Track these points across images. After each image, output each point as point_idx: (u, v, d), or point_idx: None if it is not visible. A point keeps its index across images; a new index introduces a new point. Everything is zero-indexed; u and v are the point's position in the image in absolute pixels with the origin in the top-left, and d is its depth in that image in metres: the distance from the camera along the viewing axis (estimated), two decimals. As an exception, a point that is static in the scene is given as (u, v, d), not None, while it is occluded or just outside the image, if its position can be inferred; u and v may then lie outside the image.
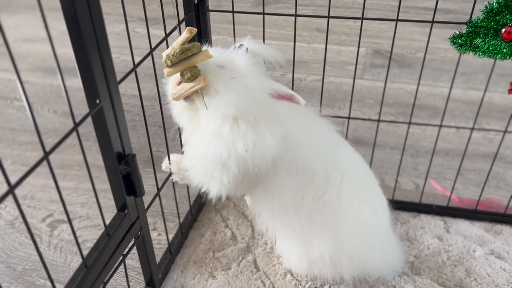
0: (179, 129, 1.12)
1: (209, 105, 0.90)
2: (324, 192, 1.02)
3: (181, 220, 1.36)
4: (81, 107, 0.98)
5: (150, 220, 1.40)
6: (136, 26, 2.58)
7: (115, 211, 0.95)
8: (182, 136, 1.08)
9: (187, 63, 0.86)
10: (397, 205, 1.40)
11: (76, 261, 1.29)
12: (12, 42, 2.52)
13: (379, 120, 1.33)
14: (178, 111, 1.00)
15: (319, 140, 1.02)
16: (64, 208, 0.77)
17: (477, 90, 1.99)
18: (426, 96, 1.96)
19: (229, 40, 2.44)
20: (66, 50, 0.88)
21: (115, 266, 0.95)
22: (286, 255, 1.16)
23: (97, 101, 0.79)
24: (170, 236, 1.32)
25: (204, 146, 0.94)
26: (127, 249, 0.99)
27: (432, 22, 1.09)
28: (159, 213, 1.42)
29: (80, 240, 1.35)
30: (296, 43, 2.41)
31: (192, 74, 0.87)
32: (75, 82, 0.81)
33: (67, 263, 1.28)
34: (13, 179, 0.62)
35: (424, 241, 1.30)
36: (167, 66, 0.87)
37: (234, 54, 0.96)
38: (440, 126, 1.28)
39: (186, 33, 0.88)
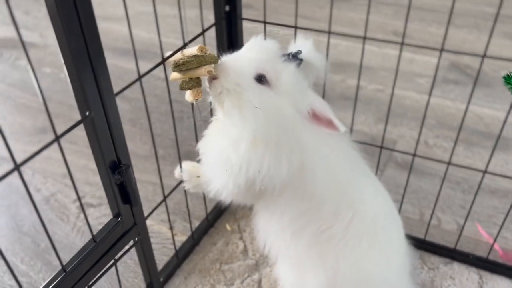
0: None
1: (233, 113, 0.85)
2: (330, 226, 0.93)
3: (197, 224, 1.35)
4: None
5: (171, 217, 1.40)
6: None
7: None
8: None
9: (189, 73, 0.83)
10: (429, 247, 1.27)
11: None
12: (92, 19, 2.66)
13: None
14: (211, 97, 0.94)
15: (337, 170, 0.93)
16: (76, 192, 0.78)
17: None
18: (498, 124, 1.74)
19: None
20: (138, 31, 0.88)
21: (103, 270, 0.96)
22: (281, 280, 1.09)
23: (87, 113, 0.79)
24: (184, 238, 1.32)
25: (220, 146, 0.90)
26: (120, 254, 0.99)
27: None
28: (181, 213, 1.42)
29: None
30: (366, 46, 2.26)
31: (189, 85, 0.84)
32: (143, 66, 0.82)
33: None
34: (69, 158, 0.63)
35: (450, 294, 1.17)
36: (173, 69, 0.85)
37: (282, 67, 0.86)
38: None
39: (197, 50, 0.84)
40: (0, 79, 2.13)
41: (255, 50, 0.89)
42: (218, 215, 1.38)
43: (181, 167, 1.11)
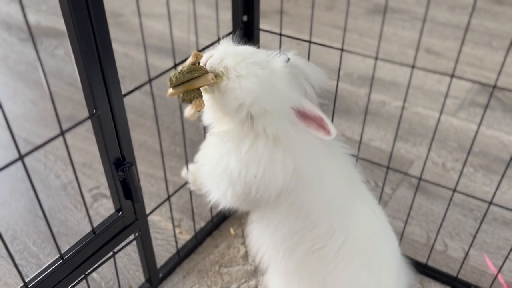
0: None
1: (229, 91, 0.84)
2: (322, 247, 0.94)
3: (202, 225, 1.38)
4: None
5: (176, 216, 1.44)
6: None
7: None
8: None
9: (187, 86, 0.84)
10: (430, 272, 1.25)
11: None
12: (130, 15, 2.74)
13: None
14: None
15: (333, 188, 0.93)
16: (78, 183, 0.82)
17: None
18: (522, 153, 1.69)
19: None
20: (175, 30, 0.88)
21: (101, 261, 1.00)
22: (270, 289, 1.10)
23: (94, 111, 0.83)
24: (189, 237, 1.35)
25: (219, 156, 0.90)
26: (119, 247, 1.03)
27: None
28: (189, 211, 1.45)
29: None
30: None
31: (190, 97, 0.85)
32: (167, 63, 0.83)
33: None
34: None
35: (446, 323, 1.14)
36: (169, 87, 0.86)
37: (273, 57, 0.88)
38: None
39: (192, 57, 0.86)
40: (37, 67, 2.23)
41: (244, 46, 0.91)
42: (223, 218, 1.41)
43: (187, 168, 1.14)
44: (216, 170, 0.91)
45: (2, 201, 1.50)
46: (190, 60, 0.85)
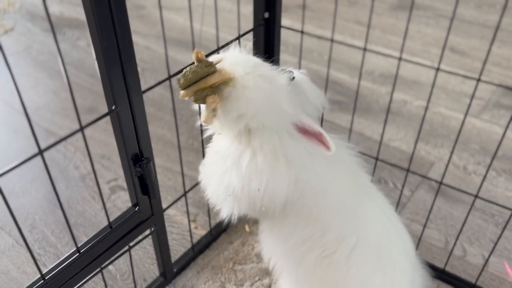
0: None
1: (232, 100, 0.82)
2: (333, 252, 0.92)
3: (218, 221, 1.38)
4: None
5: (192, 210, 1.44)
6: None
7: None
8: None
9: (199, 84, 0.82)
10: (448, 278, 1.23)
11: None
12: (152, 7, 2.75)
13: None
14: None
15: (340, 192, 0.91)
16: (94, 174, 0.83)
17: None
18: (548, 158, 1.64)
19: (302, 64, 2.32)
20: (196, 24, 0.87)
21: (117, 255, 1.01)
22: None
23: (113, 107, 0.83)
24: (204, 232, 1.36)
25: (220, 174, 0.89)
26: (134, 241, 1.04)
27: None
28: (205, 206, 1.45)
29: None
30: (417, 60, 2.19)
31: (203, 95, 0.82)
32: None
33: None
34: None
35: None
36: (180, 88, 0.84)
37: (276, 72, 0.86)
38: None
39: (194, 55, 0.82)
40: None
41: (252, 56, 0.89)
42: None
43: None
44: (219, 189, 0.90)
45: (22, 190, 1.52)
46: (195, 58, 0.83)
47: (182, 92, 0.82)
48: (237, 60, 0.84)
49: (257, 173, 0.85)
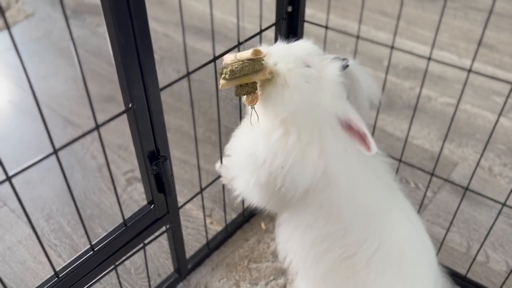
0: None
1: (270, 97, 0.84)
2: (353, 254, 0.90)
3: (234, 217, 1.36)
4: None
5: (208, 205, 1.43)
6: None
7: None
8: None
9: (243, 79, 0.82)
10: (469, 285, 1.19)
11: (134, 222, 1.39)
12: (172, -6, 2.71)
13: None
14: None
15: (367, 194, 0.89)
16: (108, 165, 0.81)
17: None
18: None
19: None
20: (214, 11, 0.87)
21: (131, 252, 0.99)
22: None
23: (130, 105, 0.81)
24: (220, 227, 1.34)
25: (249, 141, 0.89)
26: (149, 239, 1.03)
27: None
28: (220, 201, 1.43)
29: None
30: (444, 54, 2.12)
31: (245, 91, 0.83)
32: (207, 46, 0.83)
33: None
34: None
35: None
36: (223, 79, 0.83)
37: (328, 62, 0.86)
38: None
39: (252, 54, 0.82)
40: (79, 44, 2.25)
41: (304, 45, 0.88)
42: (254, 211, 1.38)
43: (221, 162, 1.12)
44: (243, 155, 0.90)
45: (40, 178, 1.53)
46: (248, 55, 0.81)
47: (223, 82, 0.82)
48: (282, 56, 0.84)
49: (285, 152, 0.84)
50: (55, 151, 0.71)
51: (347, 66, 0.85)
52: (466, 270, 1.20)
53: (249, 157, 0.88)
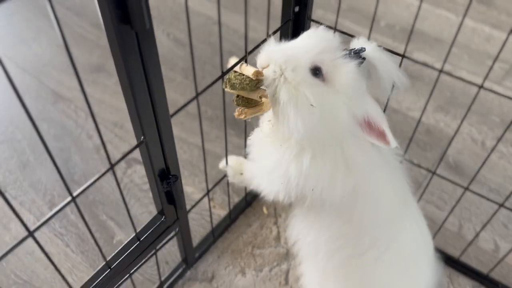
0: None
1: (279, 117, 0.81)
2: (363, 253, 0.95)
3: (236, 201, 1.39)
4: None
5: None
6: None
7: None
8: (251, 137, 0.99)
9: (241, 93, 0.81)
10: (460, 267, 1.27)
11: (133, 204, 1.41)
12: None
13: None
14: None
15: (384, 199, 0.92)
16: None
17: None
18: None
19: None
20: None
21: (144, 260, 1.02)
22: (305, 284, 1.14)
23: (142, 138, 0.79)
24: (222, 212, 1.37)
25: (278, 160, 0.87)
26: (160, 244, 1.05)
27: None
28: (222, 184, 1.45)
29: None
30: (440, 12, 2.06)
31: (238, 103, 0.83)
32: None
33: (131, 205, 1.41)
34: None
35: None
36: (225, 86, 0.82)
37: (342, 62, 0.79)
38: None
39: (253, 74, 0.79)
40: (59, 1, 2.11)
41: (313, 39, 0.82)
42: (256, 195, 1.41)
43: (227, 162, 1.12)
44: (274, 171, 0.89)
45: (38, 162, 1.51)
46: (250, 73, 0.79)
47: (226, 89, 0.83)
48: (285, 61, 0.78)
49: (316, 175, 0.84)
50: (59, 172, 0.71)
51: (364, 59, 0.80)
52: (458, 250, 1.27)
53: (281, 176, 0.87)
